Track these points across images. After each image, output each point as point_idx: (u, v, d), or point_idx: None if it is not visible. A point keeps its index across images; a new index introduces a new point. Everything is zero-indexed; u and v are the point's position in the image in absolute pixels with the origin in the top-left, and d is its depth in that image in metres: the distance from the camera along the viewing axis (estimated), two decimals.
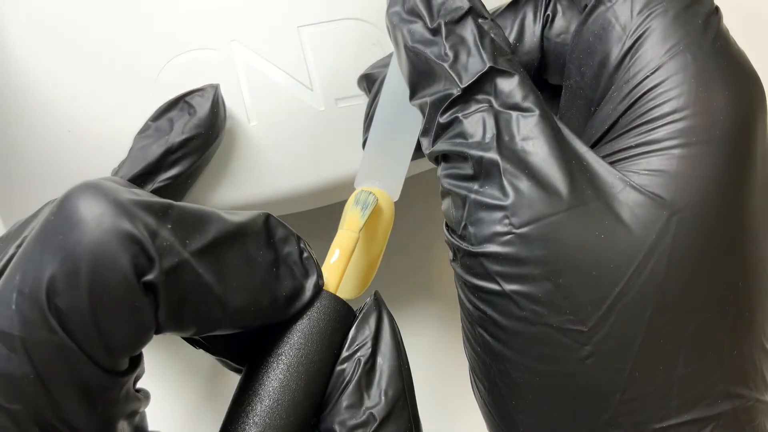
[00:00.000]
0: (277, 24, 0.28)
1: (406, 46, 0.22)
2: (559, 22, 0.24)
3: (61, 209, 0.17)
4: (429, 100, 0.21)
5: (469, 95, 0.20)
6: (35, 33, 0.28)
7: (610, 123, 0.21)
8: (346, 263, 0.22)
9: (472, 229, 0.20)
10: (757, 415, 0.20)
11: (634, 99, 0.20)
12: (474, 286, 0.20)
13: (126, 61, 0.28)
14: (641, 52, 0.20)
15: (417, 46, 0.21)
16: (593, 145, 0.21)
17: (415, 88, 0.22)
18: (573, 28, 0.24)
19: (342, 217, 0.25)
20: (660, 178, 0.19)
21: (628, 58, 0.21)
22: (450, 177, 0.21)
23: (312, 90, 0.28)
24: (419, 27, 0.21)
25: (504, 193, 0.20)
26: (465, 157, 0.20)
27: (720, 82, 0.20)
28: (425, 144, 0.22)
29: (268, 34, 0.28)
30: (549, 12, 0.25)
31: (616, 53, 0.21)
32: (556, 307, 0.19)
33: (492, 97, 0.20)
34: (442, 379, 0.36)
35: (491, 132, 0.20)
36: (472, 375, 0.23)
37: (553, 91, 0.25)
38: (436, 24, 0.21)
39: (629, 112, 0.20)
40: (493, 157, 0.20)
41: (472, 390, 0.23)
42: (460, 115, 0.20)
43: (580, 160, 0.20)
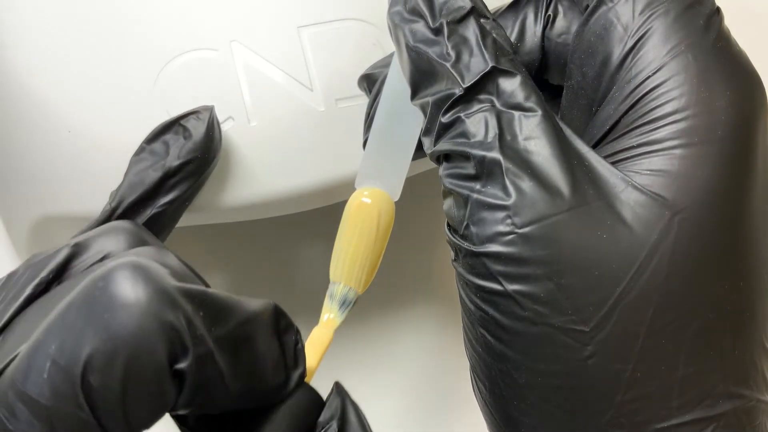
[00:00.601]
0: (277, 24, 0.28)
1: (407, 45, 0.22)
2: (560, 23, 0.24)
3: (108, 286, 0.17)
4: (431, 99, 0.21)
5: (471, 95, 0.20)
6: (35, 33, 0.28)
7: (611, 123, 0.21)
8: (321, 357, 0.23)
9: (474, 229, 0.20)
10: (758, 415, 0.20)
11: (636, 99, 0.20)
12: (476, 286, 0.20)
13: (126, 61, 0.28)
14: (643, 52, 0.20)
15: (419, 45, 0.21)
16: (595, 145, 0.21)
17: (416, 88, 0.22)
18: (574, 28, 0.24)
19: (344, 216, 0.25)
20: (662, 178, 0.19)
21: (630, 59, 0.21)
22: (452, 177, 0.21)
23: (312, 90, 0.28)
24: (421, 27, 0.21)
25: (506, 193, 0.20)
26: (467, 156, 0.20)
27: (721, 82, 0.20)
28: (427, 144, 0.22)
29: (268, 34, 0.28)
30: (550, 12, 0.25)
31: (617, 53, 0.21)
32: (558, 307, 0.19)
33: (494, 97, 0.20)
34: (442, 379, 0.36)
35: (493, 132, 0.20)
36: (473, 375, 0.23)
37: (553, 91, 0.25)
38: (438, 24, 0.21)
39: (631, 112, 0.20)
40: (495, 156, 0.20)
41: (473, 390, 0.23)
42: (462, 114, 0.20)
43: (581, 160, 0.20)
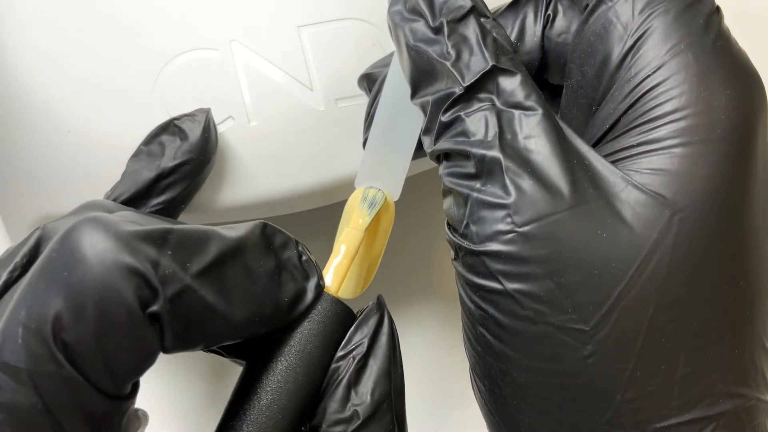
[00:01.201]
0: (277, 24, 0.28)
1: (407, 44, 0.22)
2: (559, 22, 0.24)
3: (64, 245, 0.17)
4: (431, 98, 0.21)
5: (471, 94, 0.20)
6: (35, 33, 0.28)
7: (611, 122, 0.21)
8: (350, 263, 0.23)
9: (474, 228, 0.20)
10: (757, 414, 0.20)
11: (636, 98, 0.20)
12: (476, 285, 0.20)
13: (126, 61, 0.28)
14: (642, 51, 0.20)
15: (419, 44, 0.21)
16: (594, 145, 0.21)
17: (416, 87, 0.22)
18: (574, 27, 0.24)
19: (344, 216, 0.25)
20: (662, 176, 0.19)
21: (630, 57, 0.21)
22: (452, 175, 0.21)
23: (312, 90, 0.28)
24: (421, 26, 0.21)
25: (506, 192, 0.20)
26: (467, 155, 0.20)
27: (721, 81, 0.20)
28: (427, 143, 0.22)
29: (268, 34, 0.28)
30: (550, 12, 0.25)
31: (617, 52, 0.21)
32: (557, 306, 0.19)
33: (494, 96, 0.20)
34: (441, 378, 0.36)
35: (494, 130, 0.20)
36: (473, 375, 0.23)
37: (553, 91, 0.26)
38: (438, 23, 0.21)
39: (630, 111, 0.20)
40: (495, 155, 0.20)
41: (473, 390, 0.23)
42: (462, 113, 0.20)
43: (581, 159, 0.20)
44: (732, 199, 0.19)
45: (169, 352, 0.18)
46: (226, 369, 0.35)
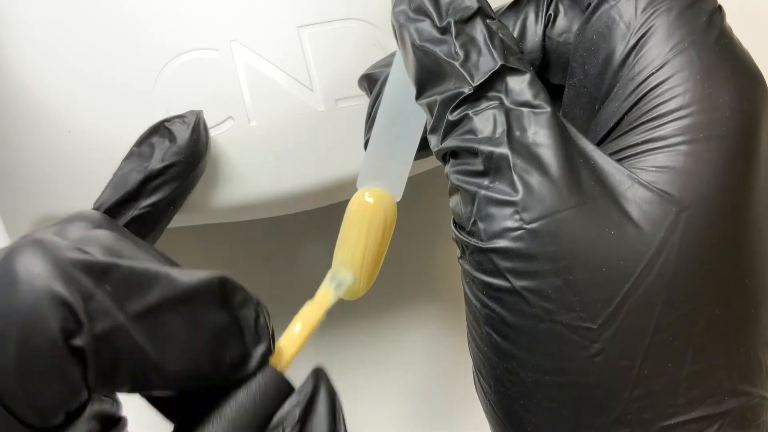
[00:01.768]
0: (277, 24, 0.28)
1: (413, 44, 0.21)
2: (561, 22, 0.24)
3: (7, 263, 0.16)
4: (439, 98, 0.21)
5: (479, 93, 0.20)
6: (35, 33, 0.28)
7: (615, 120, 0.21)
8: (303, 341, 0.21)
9: (481, 225, 0.20)
10: (762, 412, 0.20)
11: (640, 96, 0.20)
12: (482, 283, 0.20)
13: (126, 61, 0.27)
14: (646, 49, 0.20)
15: (425, 44, 0.21)
16: (598, 143, 0.21)
17: (422, 87, 0.22)
18: (575, 27, 0.24)
19: (345, 217, 0.25)
20: (667, 174, 0.19)
21: (633, 56, 0.21)
22: (459, 173, 0.21)
23: (312, 90, 0.28)
24: (427, 26, 0.21)
25: (514, 189, 0.19)
26: (475, 152, 0.20)
27: (724, 79, 0.20)
28: (433, 141, 0.22)
29: (268, 34, 0.28)
30: (551, 12, 0.25)
31: (620, 51, 0.21)
32: (565, 304, 0.19)
33: (503, 95, 0.20)
34: (443, 378, 0.36)
35: (502, 127, 0.20)
36: (477, 374, 0.22)
37: (554, 91, 0.25)
38: (445, 23, 0.21)
39: (634, 109, 0.20)
40: (503, 151, 0.20)
41: (476, 390, 0.23)
42: (470, 112, 0.20)
43: (587, 158, 0.20)
44: (737, 195, 0.19)
45: (93, 391, 0.17)
46: None
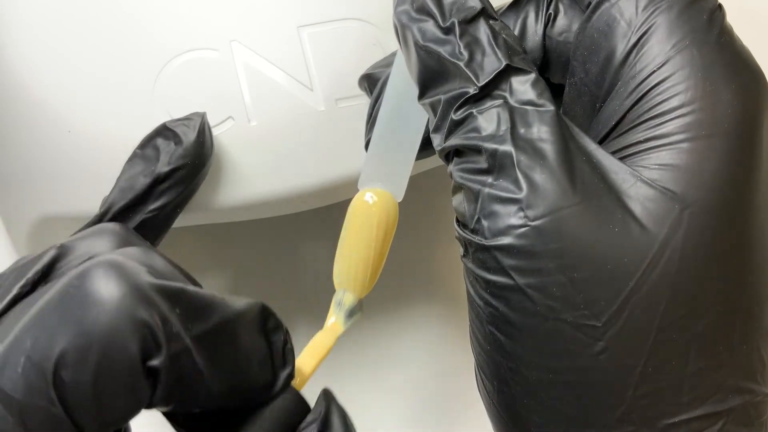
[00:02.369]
0: (277, 24, 0.28)
1: (416, 44, 0.21)
2: (561, 21, 0.24)
3: (83, 283, 0.17)
4: (443, 98, 0.21)
5: (484, 93, 0.20)
6: (35, 33, 0.28)
7: (617, 119, 0.21)
8: (318, 364, 0.23)
9: (485, 223, 0.20)
10: (765, 409, 0.20)
11: (641, 94, 0.20)
12: (486, 281, 0.20)
13: (126, 61, 0.27)
14: (647, 47, 0.20)
15: (429, 44, 0.21)
16: (600, 142, 0.21)
17: (426, 87, 0.22)
18: (575, 26, 0.24)
19: (346, 218, 0.25)
20: (670, 172, 0.19)
21: (634, 54, 0.21)
22: (463, 171, 0.21)
23: (312, 90, 0.28)
24: (430, 26, 0.21)
25: (518, 186, 0.19)
26: (479, 150, 0.20)
27: (726, 76, 0.20)
28: (437, 140, 0.21)
29: (268, 34, 0.28)
30: (551, 11, 0.24)
31: (621, 49, 0.21)
32: (570, 302, 0.19)
33: (507, 94, 0.20)
34: (445, 378, 0.36)
35: (506, 125, 0.20)
36: (480, 374, 0.22)
37: (555, 90, 0.25)
38: (449, 23, 0.21)
39: (636, 108, 0.20)
40: (507, 149, 0.20)
41: (478, 389, 0.23)
42: (474, 110, 0.20)
43: (590, 156, 0.20)
44: (739, 193, 0.20)
45: (152, 407, 0.18)
46: None
